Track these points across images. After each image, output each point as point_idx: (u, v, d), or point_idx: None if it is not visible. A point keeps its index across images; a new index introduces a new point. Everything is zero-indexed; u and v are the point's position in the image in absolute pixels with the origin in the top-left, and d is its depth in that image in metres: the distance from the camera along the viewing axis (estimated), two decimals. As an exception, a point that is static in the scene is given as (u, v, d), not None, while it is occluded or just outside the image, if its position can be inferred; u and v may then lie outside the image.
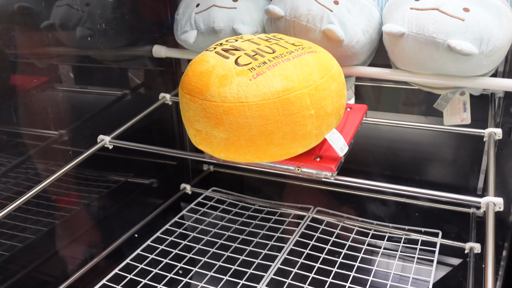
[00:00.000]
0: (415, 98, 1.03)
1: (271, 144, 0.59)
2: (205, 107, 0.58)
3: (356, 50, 0.79)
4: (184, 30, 0.89)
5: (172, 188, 1.14)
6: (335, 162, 0.65)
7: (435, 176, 1.09)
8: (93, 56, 0.90)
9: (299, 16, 0.78)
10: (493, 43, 0.69)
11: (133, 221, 1.02)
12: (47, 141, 0.82)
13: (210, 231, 0.97)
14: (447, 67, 0.73)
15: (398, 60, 0.79)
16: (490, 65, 0.72)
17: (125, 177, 1.03)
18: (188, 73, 0.62)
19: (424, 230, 0.93)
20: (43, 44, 0.78)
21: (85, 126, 0.89)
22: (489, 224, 0.56)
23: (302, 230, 0.95)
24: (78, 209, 0.90)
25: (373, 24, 0.80)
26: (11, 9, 0.72)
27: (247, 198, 1.09)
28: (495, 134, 0.76)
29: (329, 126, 0.63)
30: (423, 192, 0.63)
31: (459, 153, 1.05)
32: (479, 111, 0.90)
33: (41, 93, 0.80)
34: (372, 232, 0.95)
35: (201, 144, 0.62)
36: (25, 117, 0.77)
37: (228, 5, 0.86)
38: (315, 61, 0.61)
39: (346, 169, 0.68)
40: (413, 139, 1.07)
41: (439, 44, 0.69)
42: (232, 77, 0.57)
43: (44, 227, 0.83)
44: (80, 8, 0.85)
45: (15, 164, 0.77)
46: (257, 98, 0.57)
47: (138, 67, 1.02)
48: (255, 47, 0.62)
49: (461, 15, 0.69)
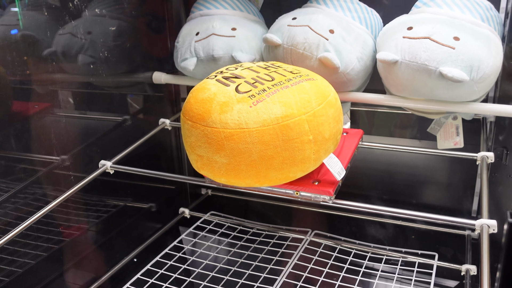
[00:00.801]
0: (409, 123, 1.06)
1: (271, 169, 0.60)
2: (206, 133, 0.60)
3: (352, 76, 0.82)
4: (184, 57, 0.91)
5: (171, 212, 1.15)
6: (333, 186, 0.67)
7: (431, 199, 1.10)
8: (95, 82, 0.92)
9: (296, 45, 0.80)
10: (483, 70, 0.71)
11: (132, 246, 1.02)
12: (49, 166, 0.83)
13: (209, 255, 0.98)
14: (439, 93, 0.75)
15: (392, 86, 0.81)
16: (480, 91, 0.75)
17: (124, 201, 1.03)
18: (190, 100, 0.63)
19: (420, 253, 0.94)
20: (46, 71, 0.80)
21: (87, 151, 0.90)
22: (484, 246, 0.57)
23: (301, 253, 0.95)
24: (78, 234, 0.91)
25: (367, 52, 0.83)
26: (15, 37, 0.74)
27: (246, 222, 1.10)
28: (487, 157, 0.78)
29: (326, 151, 0.65)
30: (419, 215, 0.65)
31: (453, 176, 1.06)
32: (471, 135, 0.92)
33: (42, 118, 0.81)
34: (370, 254, 0.96)
35: (203, 169, 0.64)
36: (27, 143, 0.78)
37: (227, 33, 0.89)
38: (313, 88, 0.64)
39: (343, 193, 0.70)
40: (408, 163, 1.09)
41: (431, 71, 0.72)
42: (233, 104, 0.59)
43: (44, 252, 0.83)
44: (83, 37, 0.87)
45: (17, 190, 0.78)
46: (257, 124, 0.58)
47: (138, 93, 1.04)
48: (255, 75, 0.64)
49: (452, 43, 0.72)
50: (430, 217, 0.64)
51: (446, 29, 0.74)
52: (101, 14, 0.90)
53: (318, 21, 0.81)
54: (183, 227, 1.12)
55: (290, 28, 0.82)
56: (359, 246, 0.99)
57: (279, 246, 0.99)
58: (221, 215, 1.13)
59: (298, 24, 0.81)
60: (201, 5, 0.97)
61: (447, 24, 0.75)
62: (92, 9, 0.88)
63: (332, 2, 0.87)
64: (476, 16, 0.78)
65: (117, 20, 0.94)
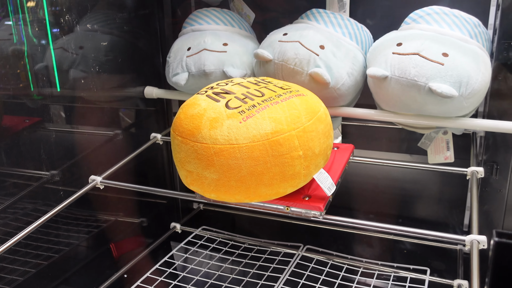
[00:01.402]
0: (400, 137, 1.06)
1: (261, 185, 0.60)
2: (196, 149, 0.60)
3: (342, 92, 0.82)
4: (176, 72, 0.91)
5: (162, 227, 1.14)
6: (324, 201, 0.67)
7: (422, 213, 1.11)
8: (86, 97, 0.91)
9: (287, 60, 0.81)
10: (471, 86, 0.72)
11: (122, 261, 1.01)
12: (38, 181, 0.82)
13: (200, 270, 0.97)
14: (429, 108, 0.76)
15: (382, 101, 0.82)
16: (470, 106, 0.75)
17: (114, 216, 1.03)
18: (180, 115, 0.63)
19: (412, 268, 0.94)
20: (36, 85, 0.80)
21: (77, 166, 0.89)
22: (474, 262, 0.58)
23: (292, 268, 0.95)
24: (67, 250, 0.90)
25: (357, 67, 0.84)
26: (6, 52, 0.74)
27: (237, 237, 1.09)
28: (477, 172, 0.78)
29: (317, 167, 0.65)
30: (410, 230, 0.65)
31: (444, 190, 1.07)
32: (462, 149, 0.93)
33: (33, 133, 0.81)
34: (362, 270, 0.95)
35: (193, 184, 0.64)
36: (17, 158, 0.78)
37: (219, 49, 0.89)
38: (303, 104, 0.64)
39: (334, 206, 0.69)
40: (399, 177, 1.09)
41: (420, 87, 0.72)
42: (223, 119, 0.59)
43: (32, 269, 0.82)
44: (75, 52, 0.87)
45: (7, 205, 0.77)
46: (247, 140, 0.58)
47: (130, 108, 1.04)
48: (245, 90, 0.65)
49: (441, 59, 0.72)
50: (421, 233, 0.64)
51: (435, 45, 0.74)
52: (92, 29, 0.91)
53: (308, 37, 0.82)
54: (175, 242, 1.11)
55: (281, 44, 0.82)
56: (351, 261, 0.98)
57: (270, 261, 0.99)
58: (213, 230, 1.12)
59: (289, 40, 0.82)
60: (193, 20, 0.97)
61: (436, 40, 0.76)
62: (83, 24, 0.88)
63: (322, 18, 0.88)
64: (464, 33, 0.79)
65: (109, 35, 0.95)
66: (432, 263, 0.98)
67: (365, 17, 0.98)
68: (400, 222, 0.65)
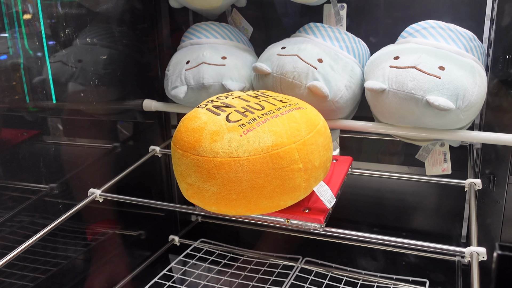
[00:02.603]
0: (397, 149, 1.07)
1: (262, 197, 0.61)
2: (197, 162, 0.60)
3: (340, 105, 0.83)
4: (175, 85, 0.92)
5: (160, 239, 1.14)
6: (324, 214, 0.67)
7: (420, 225, 1.11)
8: (85, 110, 0.92)
9: (285, 73, 0.81)
10: (468, 99, 0.73)
11: (121, 274, 1.01)
12: (37, 194, 0.82)
13: (199, 283, 0.97)
14: (426, 120, 0.77)
15: (380, 114, 0.83)
16: (466, 119, 0.76)
17: (113, 229, 1.02)
18: (181, 129, 0.64)
19: (411, 279, 0.94)
20: (35, 98, 0.80)
21: (76, 179, 0.89)
22: (474, 274, 0.58)
23: (292, 281, 0.95)
24: (65, 263, 0.89)
25: (355, 81, 0.84)
26: (4, 64, 0.75)
27: (236, 249, 1.09)
28: (475, 184, 0.79)
29: (317, 179, 0.65)
30: (409, 242, 0.65)
31: (442, 202, 1.07)
32: (459, 161, 0.93)
33: (31, 146, 0.81)
34: (361, 282, 0.95)
35: (193, 197, 0.64)
36: (16, 171, 0.78)
37: (217, 62, 0.90)
38: (303, 117, 0.64)
39: (334, 219, 0.70)
40: (397, 189, 1.09)
41: (418, 99, 0.73)
42: (224, 133, 0.60)
43: (30, 282, 0.82)
44: (74, 65, 0.87)
45: (5, 219, 0.77)
46: (248, 153, 0.59)
47: (128, 120, 1.05)
48: (245, 104, 0.65)
49: (437, 73, 0.73)
50: (420, 245, 0.64)
51: (432, 59, 0.75)
52: (92, 42, 0.91)
53: (307, 50, 0.83)
54: (173, 255, 1.11)
55: (279, 57, 0.83)
56: (350, 273, 0.98)
57: (270, 273, 0.99)
58: (212, 242, 1.12)
59: (287, 53, 0.83)
60: (191, 34, 0.98)
61: (432, 54, 0.77)
62: (83, 38, 0.89)
63: (320, 32, 0.89)
64: (460, 47, 0.80)
65: (108, 49, 0.95)
66: (431, 274, 0.99)
67: (362, 31, 0.99)
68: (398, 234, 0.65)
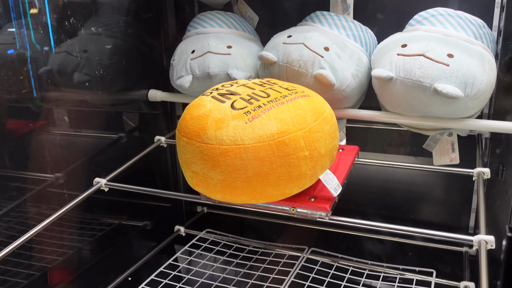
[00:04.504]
0: (405, 139, 1.06)
1: (267, 185, 0.60)
2: (202, 149, 0.60)
3: (347, 93, 0.82)
4: (180, 75, 0.91)
5: (166, 230, 1.14)
6: (329, 202, 0.66)
7: (427, 215, 1.10)
8: (90, 100, 0.91)
9: (291, 62, 0.81)
10: (477, 86, 0.72)
11: (126, 264, 1.01)
12: (42, 184, 0.82)
13: (204, 273, 0.97)
14: (434, 109, 0.76)
15: (387, 102, 0.82)
16: (475, 107, 0.75)
17: (118, 219, 1.02)
18: (185, 116, 0.63)
19: (418, 270, 0.94)
20: (41, 89, 0.80)
21: (81, 169, 0.89)
22: (482, 262, 0.57)
23: (297, 271, 0.94)
24: (71, 253, 0.90)
25: (362, 69, 0.84)
26: (10, 56, 0.74)
27: (242, 239, 1.09)
28: (483, 173, 0.78)
29: (323, 167, 0.65)
30: (416, 231, 0.64)
31: (450, 192, 1.06)
32: (467, 151, 0.92)
33: (37, 136, 0.81)
34: (367, 272, 0.95)
35: (198, 185, 0.63)
36: (21, 161, 0.78)
37: (223, 51, 0.89)
38: (308, 105, 0.64)
39: (340, 209, 0.69)
40: (404, 179, 1.09)
41: (426, 88, 0.72)
42: (229, 120, 0.59)
43: (36, 272, 0.82)
44: (79, 55, 0.87)
45: (10, 208, 0.77)
46: (253, 140, 0.58)
47: (134, 111, 1.04)
48: (250, 91, 0.65)
49: (446, 60, 0.72)
50: (428, 233, 0.64)
51: (440, 46, 0.74)
52: (97, 32, 0.91)
53: (313, 39, 0.82)
54: (179, 245, 1.11)
55: (285, 46, 0.82)
56: (356, 263, 0.98)
57: (275, 263, 0.98)
58: (217, 233, 1.12)
59: (293, 42, 0.82)
60: (196, 23, 0.98)
61: (441, 41, 0.76)
62: (88, 28, 0.89)
63: (327, 20, 0.88)
64: (469, 34, 0.79)
65: (113, 39, 0.95)
66: (438, 265, 0.98)
67: (369, 19, 0.98)
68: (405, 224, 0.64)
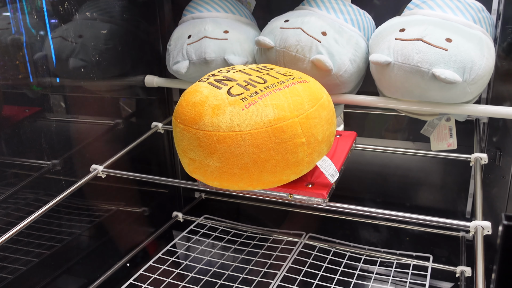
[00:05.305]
0: (402, 124, 1.06)
1: (264, 172, 0.60)
2: (198, 136, 0.59)
3: (345, 79, 0.81)
4: (176, 60, 0.90)
5: (164, 216, 1.14)
6: (327, 188, 0.66)
7: (424, 201, 1.10)
8: (86, 86, 0.91)
9: (289, 47, 0.80)
10: (475, 71, 0.71)
11: (125, 250, 1.01)
12: (39, 171, 0.82)
13: (203, 259, 0.97)
14: (432, 94, 0.75)
15: (385, 88, 0.81)
16: (473, 92, 0.75)
17: (116, 206, 1.03)
18: (182, 103, 0.63)
19: (415, 255, 0.94)
20: (36, 75, 0.79)
21: (78, 155, 0.89)
22: (479, 248, 0.57)
23: (295, 256, 0.95)
24: (69, 239, 0.90)
25: (360, 54, 0.83)
26: (4, 41, 0.74)
27: (240, 225, 1.09)
28: (481, 159, 0.78)
29: (320, 154, 0.64)
30: (413, 217, 0.64)
31: (447, 177, 1.07)
32: (465, 136, 0.92)
33: (33, 123, 0.80)
34: (364, 257, 0.95)
35: (195, 172, 0.63)
36: (18, 148, 0.77)
37: (219, 36, 0.88)
38: (306, 91, 0.63)
39: (337, 195, 0.69)
40: (402, 164, 1.09)
41: (424, 73, 0.72)
42: (225, 107, 0.59)
43: (35, 258, 0.82)
44: (74, 40, 0.86)
45: (8, 195, 0.77)
46: (250, 127, 0.58)
47: (130, 97, 1.04)
48: (247, 77, 0.64)
49: (444, 45, 0.72)
50: (424, 219, 0.64)
51: (439, 30, 0.74)
52: (92, 17, 0.90)
53: (310, 23, 0.81)
54: (177, 231, 1.11)
55: (282, 31, 0.81)
56: (354, 248, 0.98)
57: (273, 249, 0.99)
58: (215, 219, 1.12)
59: (290, 27, 0.81)
60: (193, 8, 0.96)
61: (439, 25, 0.75)
62: (83, 13, 0.87)
63: (324, 4, 0.87)
64: (468, 18, 0.78)
65: (108, 24, 0.94)
66: (435, 250, 0.99)
67: (366, 3, 0.97)
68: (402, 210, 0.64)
